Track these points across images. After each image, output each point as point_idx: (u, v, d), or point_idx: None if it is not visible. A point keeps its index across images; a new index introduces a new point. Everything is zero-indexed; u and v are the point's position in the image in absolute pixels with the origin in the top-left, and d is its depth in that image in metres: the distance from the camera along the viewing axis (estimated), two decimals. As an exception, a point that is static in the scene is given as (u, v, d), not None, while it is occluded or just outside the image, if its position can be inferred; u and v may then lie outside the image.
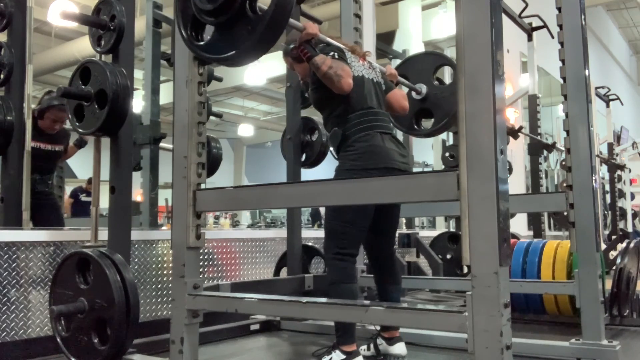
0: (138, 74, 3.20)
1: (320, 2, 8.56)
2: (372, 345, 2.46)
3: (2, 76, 3.12)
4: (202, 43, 1.71)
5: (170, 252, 2.03)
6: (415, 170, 5.31)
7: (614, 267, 3.31)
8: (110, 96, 2.19)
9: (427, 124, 3.37)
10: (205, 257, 3.35)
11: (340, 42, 2.45)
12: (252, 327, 3.11)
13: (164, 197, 5.82)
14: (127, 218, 2.41)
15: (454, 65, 3.12)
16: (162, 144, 3.85)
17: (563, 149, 2.77)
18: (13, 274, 2.49)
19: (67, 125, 3.88)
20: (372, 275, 2.60)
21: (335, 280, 2.28)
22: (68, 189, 5.34)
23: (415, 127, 3.30)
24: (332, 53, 2.31)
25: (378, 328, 2.51)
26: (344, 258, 2.29)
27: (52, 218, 3.86)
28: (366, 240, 2.52)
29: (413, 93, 3.20)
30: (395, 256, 2.63)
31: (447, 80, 3.81)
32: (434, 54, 3.40)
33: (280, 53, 2.61)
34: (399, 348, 2.41)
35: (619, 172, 8.02)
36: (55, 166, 4.18)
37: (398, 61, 7.12)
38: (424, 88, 3.18)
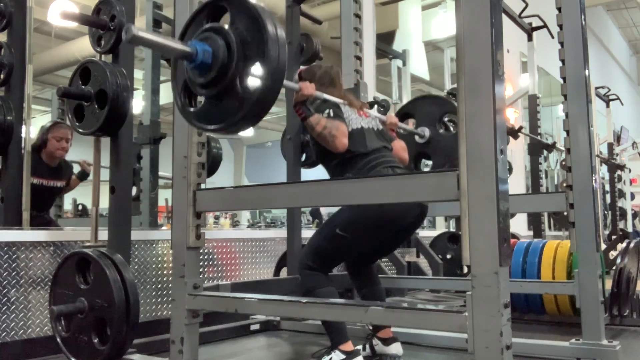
0: (138, 74, 3.20)
1: (320, 2, 8.56)
2: (367, 346, 2.46)
3: (2, 76, 3.12)
4: (193, 110, 1.71)
5: (170, 252, 2.03)
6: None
7: (614, 267, 3.31)
8: (110, 96, 2.19)
9: (427, 161, 3.41)
10: (205, 257, 3.35)
11: (338, 95, 2.45)
12: (252, 327, 3.11)
13: (164, 197, 5.81)
14: (127, 218, 2.41)
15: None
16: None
17: (563, 149, 2.77)
18: (13, 274, 2.49)
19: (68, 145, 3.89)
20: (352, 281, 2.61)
21: (310, 288, 2.26)
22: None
23: (414, 168, 3.32)
24: (327, 111, 2.33)
25: (370, 328, 2.51)
26: (316, 273, 2.30)
27: None
28: (354, 258, 2.54)
29: (416, 136, 3.22)
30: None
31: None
32: (443, 100, 3.42)
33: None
34: (395, 348, 2.41)
35: (619, 172, 8.02)
36: (54, 201, 4.16)
37: (398, 61, 7.14)
38: (427, 132, 3.21)
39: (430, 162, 3.40)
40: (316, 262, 2.30)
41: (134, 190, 3.02)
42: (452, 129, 3.38)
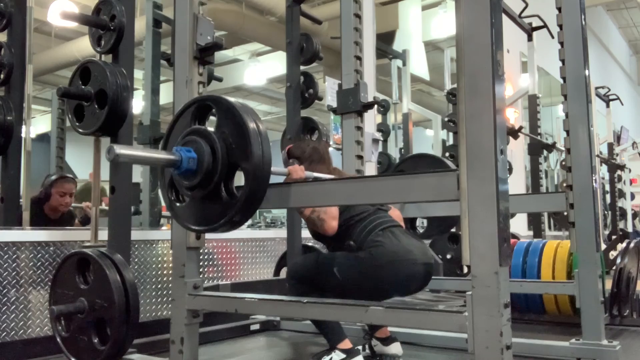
0: (138, 74, 3.20)
1: (320, 2, 8.56)
2: (367, 346, 2.46)
3: (2, 76, 3.12)
4: (179, 205, 1.74)
5: (170, 252, 2.03)
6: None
7: (614, 267, 3.31)
8: (110, 96, 2.19)
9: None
10: (205, 257, 3.35)
11: (327, 172, 2.45)
12: (252, 327, 3.11)
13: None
14: (127, 218, 2.41)
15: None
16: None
17: (563, 149, 2.77)
18: (13, 274, 2.49)
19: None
20: None
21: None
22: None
23: (410, 231, 3.31)
24: None
25: (366, 328, 2.51)
26: (301, 282, 2.32)
27: None
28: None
29: None
30: None
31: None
32: (436, 159, 3.44)
33: (280, 53, 2.62)
34: (395, 348, 2.41)
35: (619, 172, 8.02)
36: None
37: (398, 61, 7.14)
38: None
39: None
40: (303, 281, 2.32)
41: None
42: None
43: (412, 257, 2.20)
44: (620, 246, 4.79)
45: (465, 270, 4.43)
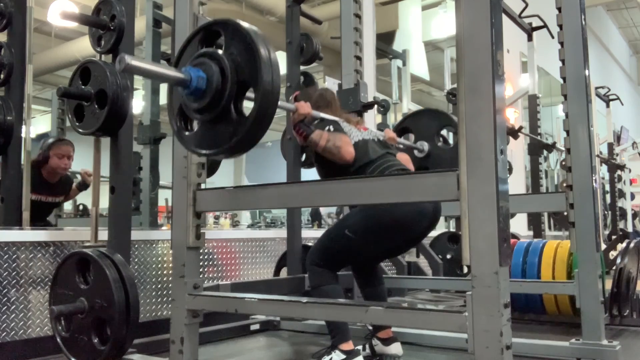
0: (138, 74, 3.19)
1: (320, 2, 8.56)
2: (367, 346, 2.47)
3: (2, 76, 3.12)
4: (188, 134, 1.72)
5: (170, 252, 2.03)
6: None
7: (614, 267, 3.31)
8: (110, 96, 2.19)
9: None
10: (205, 257, 3.35)
11: (334, 113, 2.46)
12: (252, 327, 3.11)
13: (164, 197, 5.81)
14: (127, 218, 2.41)
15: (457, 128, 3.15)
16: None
17: (563, 149, 2.77)
18: (13, 274, 2.49)
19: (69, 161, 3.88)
20: (356, 280, 2.61)
21: (316, 285, 2.28)
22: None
23: None
24: (327, 127, 2.33)
25: (370, 327, 2.51)
26: (323, 270, 2.31)
27: None
28: (360, 260, 2.53)
29: (415, 150, 3.22)
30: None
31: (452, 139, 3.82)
32: (440, 113, 3.43)
33: (280, 53, 2.62)
34: (395, 348, 2.41)
35: (619, 172, 8.03)
36: (51, 214, 4.14)
37: (398, 61, 7.14)
38: (426, 146, 3.21)
39: None
40: (322, 260, 2.30)
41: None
42: (450, 141, 3.38)
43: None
44: (620, 246, 4.79)
45: (465, 270, 4.44)
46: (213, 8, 6.96)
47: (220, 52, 1.61)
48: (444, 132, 3.28)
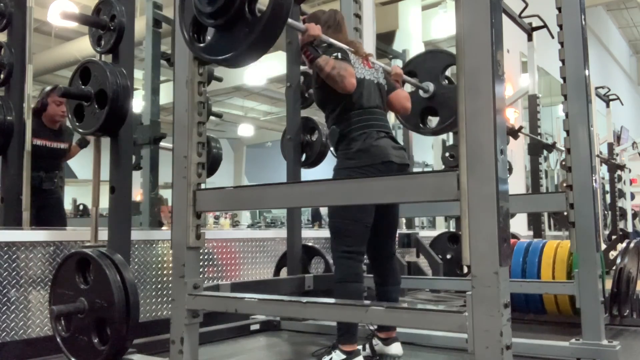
0: (138, 74, 3.20)
1: (321, 2, 8.56)
2: (367, 346, 2.46)
3: (2, 76, 3.12)
4: (202, 45, 1.72)
5: (170, 252, 2.03)
6: (415, 170, 5.32)
7: (614, 267, 3.31)
8: (110, 96, 2.19)
9: (434, 121, 3.35)
10: (205, 257, 3.35)
11: (344, 41, 2.45)
12: (252, 327, 3.11)
13: (164, 197, 5.81)
14: (127, 218, 2.41)
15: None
16: (162, 144, 3.86)
17: (563, 149, 2.77)
18: (13, 274, 2.49)
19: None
20: (372, 275, 2.60)
21: (341, 279, 2.28)
22: (67, 189, 5.30)
23: (421, 125, 3.30)
24: (335, 54, 2.32)
25: (372, 328, 2.51)
26: (350, 256, 2.30)
27: (55, 217, 3.86)
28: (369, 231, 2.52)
29: (420, 91, 3.20)
30: (396, 257, 2.63)
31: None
32: (444, 52, 3.38)
33: (280, 53, 2.62)
34: (395, 348, 2.41)
35: (619, 172, 8.03)
36: (60, 164, 4.18)
37: (399, 61, 7.13)
38: (431, 86, 3.18)
39: (435, 119, 3.35)
40: (344, 243, 2.30)
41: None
42: (455, 82, 3.34)
43: (386, 152, 2.31)
44: (620, 246, 4.79)
45: (465, 270, 4.43)
46: (213, 8, 6.95)
47: None
48: (448, 72, 3.23)
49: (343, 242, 2.31)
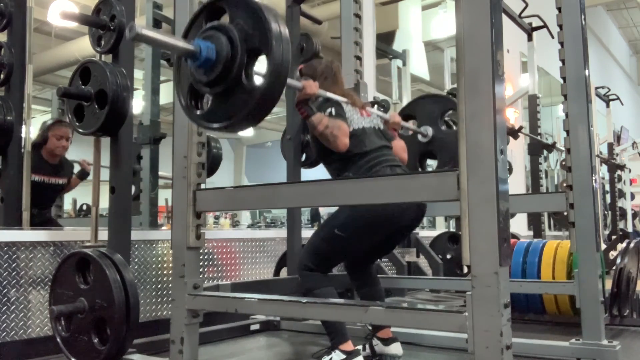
0: (138, 74, 3.20)
1: (321, 2, 8.56)
2: (367, 346, 2.46)
3: (2, 76, 3.12)
4: (199, 112, 1.70)
5: (170, 252, 2.03)
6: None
7: (614, 267, 3.31)
8: (110, 96, 2.19)
9: (432, 163, 3.40)
10: (205, 257, 3.35)
11: (340, 92, 2.45)
12: (252, 327, 3.11)
13: (164, 197, 5.81)
14: (127, 218, 2.41)
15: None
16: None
17: (563, 149, 2.77)
18: (13, 274, 2.49)
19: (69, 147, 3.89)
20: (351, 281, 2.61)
21: (308, 288, 2.28)
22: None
23: (420, 168, 3.31)
24: (329, 110, 2.32)
25: (370, 328, 2.51)
26: (315, 271, 2.31)
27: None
28: (353, 258, 2.53)
29: (419, 135, 3.22)
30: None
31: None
32: (443, 98, 3.43)
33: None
34: (395, 348, 2.41)
35: (619, 172, 8.02)
36: (55, 200, 4.15)
37: (398, 61, 7.14)
38: (429, 131, 3.19)
39: (433, 162, 3.38)
40: (314, 263, 2.30)
41: (133, 189, 3.03)
42: (454, 126, 3.37)
43: None
44: (620, 246, 4.79)
45: (465, 270, 4.43)
46: (213, 8, 6.94)
47: (227, 23, 1.59)
48: (446, 117, 3.25)
49: (314, 261, 2.30)
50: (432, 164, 3.44)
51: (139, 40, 1.48)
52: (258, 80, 1.55)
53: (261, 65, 1.56)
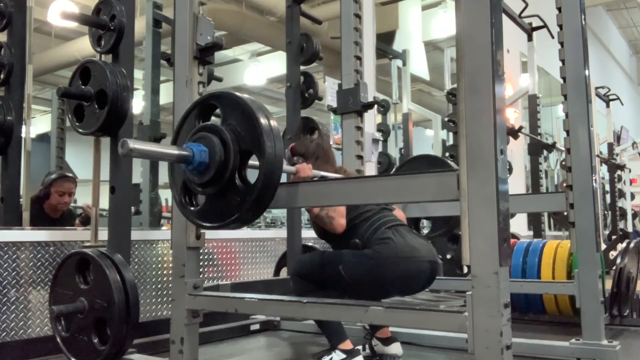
0: (138, 74, 3.20)
1: (320, 2, 8.56)
2: (367, 346, 2.47)
3: (2, 76, 3.12)
4: (194, 209, 1.72)
5: (170, 252, 2.03)
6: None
7: (614, 267, 3.31)
8: (110, 96, 2.19)
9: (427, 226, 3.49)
10: (205, 257, 3.35)
11: (332, 170, 2.45)
12: (252, 327, 3.11)
13: (164, 197, 5.81)
14: (127, 218, 2.41)
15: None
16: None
17: (563, 149, 2.77)
18: (13, 274, 2.49)
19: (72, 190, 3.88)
20: None
21: (300, 294, 2.26)
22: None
23: (415, 231, 3.31)
24: None
25: (367, 328, 2.51)
26: (305, 281, 2.33)
27: None
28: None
29: None
30: None
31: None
32: (438, 159, 3.43)
33: (280, 53, 2.62)
34: (395, 348, 2.41)
35: (619, 172, 8.02)
36: None
37: (398, 61, 7.13)
38: None
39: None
40: (307, 278, 2.32)
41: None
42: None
43: (419, 255, 2.21)
44: (620, 246, 4.79)
45: (465, 270, 4.43)
46: (213, 8, 6.96)
47: (217, 124, 1.62)
48: None
49: (312, 278, 2.30)
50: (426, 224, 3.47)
51: (132, 155, 1.49)
52: (252, 175, 1.57)
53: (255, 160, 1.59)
